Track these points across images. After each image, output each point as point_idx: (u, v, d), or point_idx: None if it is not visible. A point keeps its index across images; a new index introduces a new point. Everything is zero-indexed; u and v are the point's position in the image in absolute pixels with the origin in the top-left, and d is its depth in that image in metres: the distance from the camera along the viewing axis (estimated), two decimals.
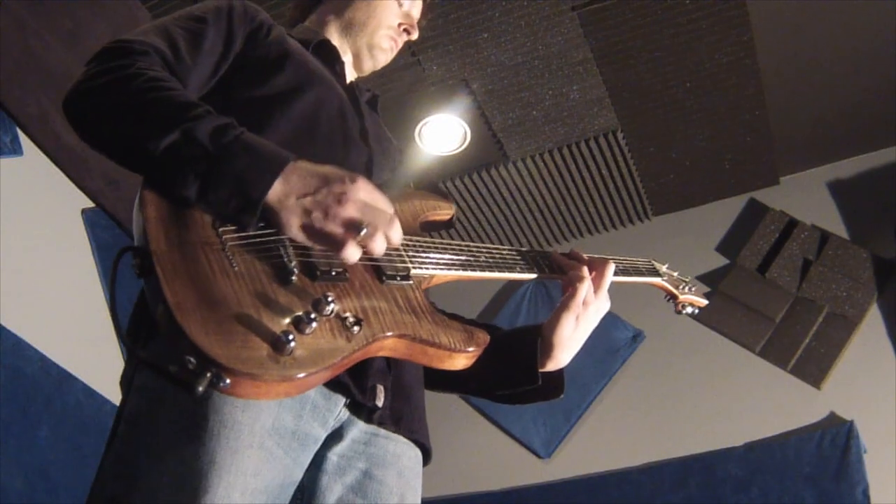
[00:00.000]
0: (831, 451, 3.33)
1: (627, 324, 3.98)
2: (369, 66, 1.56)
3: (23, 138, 2.97)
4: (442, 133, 3.77)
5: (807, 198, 4.01)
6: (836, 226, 3.90)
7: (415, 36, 1.58)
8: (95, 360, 3.06)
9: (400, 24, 1.55)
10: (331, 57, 1.43)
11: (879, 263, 3.71)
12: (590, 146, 3.86)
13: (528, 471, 3.91)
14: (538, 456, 3.94)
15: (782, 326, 3.77)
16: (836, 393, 3.53)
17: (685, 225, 4.25)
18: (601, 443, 3.82)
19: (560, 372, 1.27)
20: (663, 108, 3.68)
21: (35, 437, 2.66)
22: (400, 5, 1.55)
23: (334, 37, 1.52)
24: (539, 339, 1.24)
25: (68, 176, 3.17)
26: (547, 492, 3.79)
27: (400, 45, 1.57)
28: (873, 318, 3.64)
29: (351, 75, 1.54)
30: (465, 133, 3.77)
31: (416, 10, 1.59)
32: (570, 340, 1.24)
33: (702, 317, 1.67)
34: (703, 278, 4.04)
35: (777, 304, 3.82)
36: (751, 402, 3.64)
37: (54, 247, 3.09)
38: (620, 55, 3.41)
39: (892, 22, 3.26)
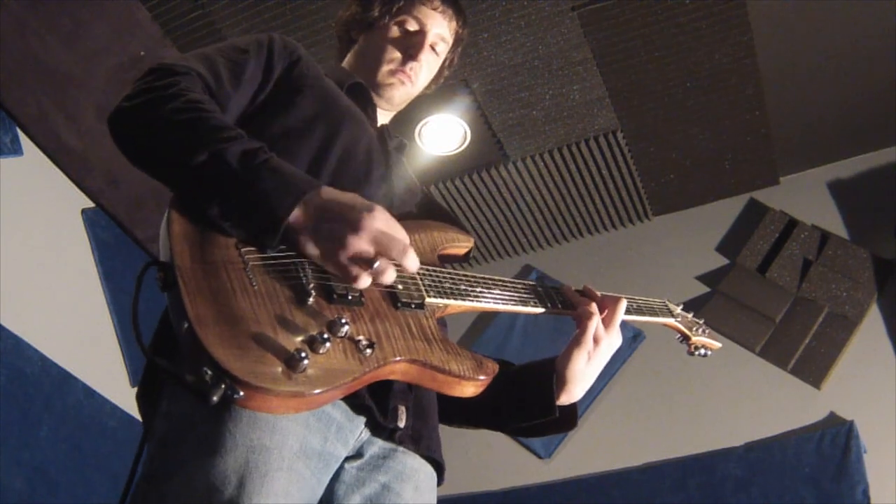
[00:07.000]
0: (831, 451, 3.32)
1: (627, 324, 3.98)
2: (386, 107, 1.53)
3: (23, 138, 2.98)
4: (442, 133, 3.77)
5: (807, 198, 4.00)
6: (836, 226, 3.90)
7: (417, 60, 1.49)
8: (95, 360, 3.06)
9: (406, 52, 1.49)
10: (363, 99, 1.43)
11: (879, 263, 3.71)
12: (590, 146, 3.86)
13: (528, 471, 3.90)
14: (538, 456, 3.93)
15: (782, 326, 3.77)
16: (836, 393, 3.53)
17: (685, 225, 4.24)
18: (601, 443, 3.82)
19: (573, 405, 1.31)
20: (663, 108, 3.68)
21: (35, 437, 2.66)
22: (404, 31, 1.50)
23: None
24: (554, 373, 1.28)
25: (68, 176, 3.17)
26: (547, 492, 3.79)
27: (413, 75, 1.49)
28: (873, 318, 3.63)
29: (383, 118, 1.53)
30: (465, 133, 3.76)
31: (434, 26, 1.53)
32: (582, 375, 1.28)
33: (702, 317, 1.68)
34: (703, 278, 4.04)
35: (777, 304, 3.82)
36: (751, 402, 3.64)
37: (54, 247, 3.09)
38: (620, 55, 3.41)
39: (892, 22, 3.26)
